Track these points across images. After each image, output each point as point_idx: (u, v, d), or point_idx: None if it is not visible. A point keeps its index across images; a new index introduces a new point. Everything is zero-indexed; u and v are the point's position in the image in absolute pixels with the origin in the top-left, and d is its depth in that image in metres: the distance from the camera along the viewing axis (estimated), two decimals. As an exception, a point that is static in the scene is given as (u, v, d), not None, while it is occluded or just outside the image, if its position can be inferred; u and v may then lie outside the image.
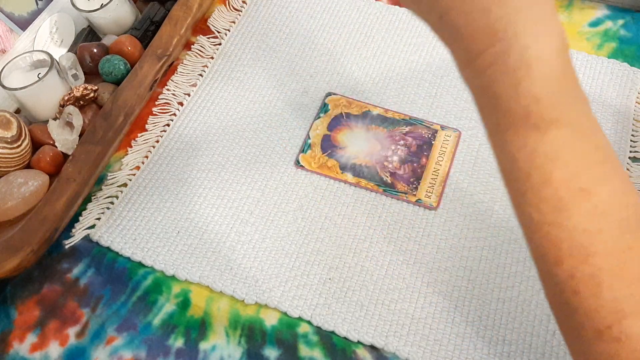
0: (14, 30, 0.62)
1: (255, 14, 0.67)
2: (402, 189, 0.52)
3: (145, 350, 0.46)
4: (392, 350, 0.45)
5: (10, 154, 0.52)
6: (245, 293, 0.48)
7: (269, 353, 0.46)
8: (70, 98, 0.55)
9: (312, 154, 0.55)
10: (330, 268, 0.49)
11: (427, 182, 0.52)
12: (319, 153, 0.55)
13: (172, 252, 0.50)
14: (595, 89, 0.59)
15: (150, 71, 0.58)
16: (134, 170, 0.56)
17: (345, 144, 0.55)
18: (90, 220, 0.52)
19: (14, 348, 0.47)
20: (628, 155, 0.54)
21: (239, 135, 0.57)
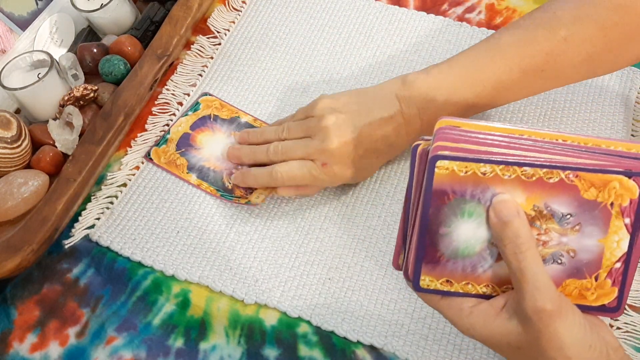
0: (14, 30, 0.62)
1: (255, 14, 0.67)
2: (239, 194, 0.52)
3: (145, 350, 0.46)
4: (391, 350, 0.45)
5: (10, 154, 0.52)
6: (244, 293, 0.48)
7: (269, 353, 0.46)
8: (70, 98, 0.55)
9: (165, 149, 0.55)
10: (330, 268, 0.49)
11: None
12: (173, 149, 0.55)
13: (171, 252, 0.50)
14: (595, 89, 0.58)
15: (150, 71, 0.58)
16: (133, 170, 0.56)
17: (202, 145, 0.56)
18: (90, 220, 0.52)
19: (14, 348, 0.47)
20: (628, 155, 0.54)
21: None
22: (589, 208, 0.35)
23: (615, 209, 0.35)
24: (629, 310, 0.46)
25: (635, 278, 0.47)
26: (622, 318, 0.46)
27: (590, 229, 0.35)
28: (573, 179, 0.34)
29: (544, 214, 0.35)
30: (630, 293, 0.46)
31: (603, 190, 0.34)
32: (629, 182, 0.34)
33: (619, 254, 0.36)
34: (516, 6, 0.66)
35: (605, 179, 0.34)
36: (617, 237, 0.35)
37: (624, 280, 0.36)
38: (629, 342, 0.45)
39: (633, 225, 0.35)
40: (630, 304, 0.46)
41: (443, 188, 0.35)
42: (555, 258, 0.36)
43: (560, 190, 0.35)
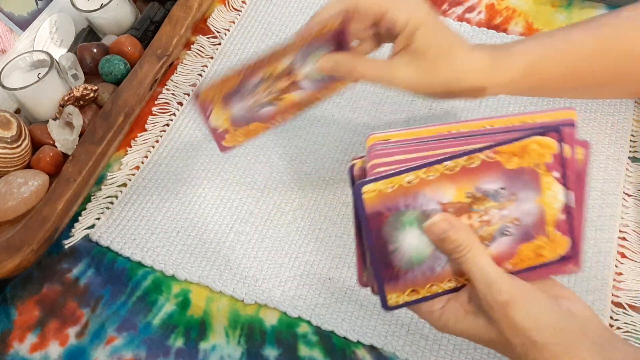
0: (14, 30, 0.62)
1: (255, 14, 0.67)
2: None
3: (145, 350, 0.46)
4: (391, 350, 0.45)
5: (10, 154, 0.52)
6: (244, 293, 0.48)
7: (269, 353, 0.46)
8: (70, 98, 0.55)
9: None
10: (330, 268, 0.49)
11: None
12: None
13: (171, 252, 0.50)
14: (595, 89, 0.59)
15: (150, 71, 0.58)
16: (133, 170, 0.56)
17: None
18: (90, 220, 0.52)
19: (14, 348, 0.47)
20: (628, 155, 0.54)
21: (238, 135, 0.57)
22: (516, 176, 0.36)
23: (541, 168, 0.36)
24: (628, 310, 0.46)
25: (635, 278, 0.48)
26: (622, 318, 0.46)
27: (525, 194, 0.37)
28: (493, 156, 0.36)
29: (479, 197, 0.37)
30: (630, 293, 0.47)
31: (524, 156, 0.36)
32: (545, 139, 0.35)
33: (559, 205, 0.37)
34: (516, 6, 0.66)
35: (523, 145, 0.35)
36: (551, 193, 0.37)
37: (572, 227, 0.37)
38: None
39: (563, 175, 0.36)
40: (630, 304, 0.46)
41: (377, 210, 0.36)
42: (502, 232, 0.38)
43: (485, 170, 0.36)
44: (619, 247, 0.49)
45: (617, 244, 0.49)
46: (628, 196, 0.52)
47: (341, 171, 0.54)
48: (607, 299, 0.46)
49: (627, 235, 0.50)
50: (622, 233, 0.50)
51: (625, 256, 0.49)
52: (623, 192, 0.52)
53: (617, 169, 0.53)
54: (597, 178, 0.53)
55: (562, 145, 0.35)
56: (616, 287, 0.47)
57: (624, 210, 0.51)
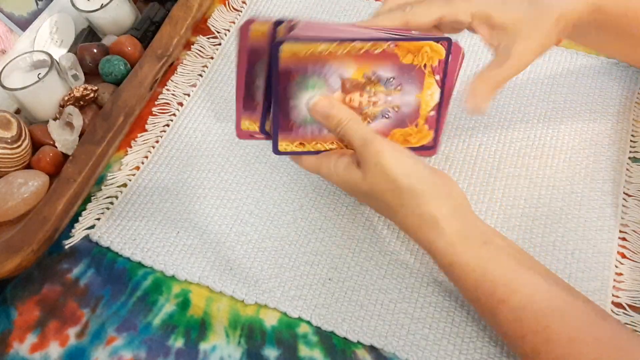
0: (14, 31, 0.62)
1: (255, 14, 0.67)
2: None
3: (145, 351, 0.46)
4: (391, 350, 0.45)
5: (10, 154, 0.52)
6: (245, 293, 0.48)
7: (269, 353, 0.46)
8: (70, 98, 0.55)
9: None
10: (330, 268, 0.49)
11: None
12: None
13: (171, 252, 0.50)
14: (595, 89, 0.59)
15: (150, 71, 0.58)
16: (133, 170, 0.56)
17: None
18: (90, 220, 0.52)
19: (14, 348, 0.47)
20: (628, 156, 0.54)
21: (238, 135, 0.57)
22: (407, 71, 0.43)
23: (427, 69, 0.43)
24: (628, 310, 0.46)
25: (635, 279, 0.48)
26: (622, 318, 0.46)
27: (409, 88, 0.44)
28: (393, 48, 0.42)
29: (372, 80, 0.43)
30: (630, 293, 0.47)
31: (417, 55, 0.43)
32: (437, 45, 0.42)
33: (433, 104, 0.45)
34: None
35: (419, 45, 0.42)
36: (430, 92, 0.44)
37: (437, 124, 0.46)
38: (629, 342, 0.45)
39: (442, 80, 0.44)
40: (630, 304, 0.46)
41: (288, 68, 0.42)
42: (383, 114, 0.45)
43: (384, 59, 0.43)
44: (619, 247, 0.49)
45: (617, 244, 0.49)
46: (628, 196, 0.52)
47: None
48: (607, 299, 0.47)
49: (627, 236, 0.50)
50: (622, 233, 0.50)
51: (625, 256, 0.49)
52: (623, 192, 0.52)
53: (617, 169, 0.53)
54: (597, 178, 0.53)
55: (448, 53, 0.42)
56: (616, 288, 0.47)
57: (624, 210, 0.51)
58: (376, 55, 0.42)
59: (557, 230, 0.50)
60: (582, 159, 0.54)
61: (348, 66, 0.42)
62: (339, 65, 0.42)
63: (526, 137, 0.55)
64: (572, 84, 0.59)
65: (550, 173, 0.53)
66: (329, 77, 0.43)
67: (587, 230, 0.50)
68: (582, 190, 0.52)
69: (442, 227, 0.41)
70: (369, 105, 0.44)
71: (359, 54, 0.42)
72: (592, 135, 0.55)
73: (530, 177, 0.53)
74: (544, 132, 0.56)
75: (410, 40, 0.42)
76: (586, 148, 0.54)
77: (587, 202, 0.51)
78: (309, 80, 0.43)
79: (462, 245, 0.41)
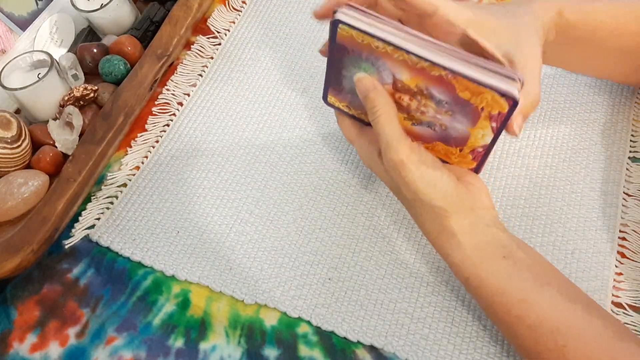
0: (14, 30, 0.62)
1: (255, 14, 0.67)
2: None
3: (145, 351, 0.46)
4: (391, 350, 0.45)
5: (10, 154, 0.52)
6: (245, 293, 0.48)
7: (269, 353, 0.46)
8: (70, 98, 0.55)
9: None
10: (330, 268, 0.49)
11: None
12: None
13: (171, 252, 0.50)
14: (595, 89, 0.58)
15: (150, 71, 0.58)
16: (133, 170, 0.56)
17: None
18: (90, 220, 0.52)
19: (14, 348, 0.47)
20: (628, 155, 0.54)
21: (238, 135, 0.57)
22: (462, 104, 0.40)
23: (484, 113, 0.39)
24: (628, 310, 0.46)
25: (635, 279, 0.48)
26: (622, 318, 0.46)
27: (461, 118, 0.41)
28: (451, 78, 0.38)
29: (425, 94, 0.41)
30: (630, 293, 0.47)
31: (477, 96, 0.39)
32: (500, 99, 0.38)
33: (482, 143, 0.41)
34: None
35: (480, 90, 0.38)
36: (482, 132, 0.41)
37: (482, 159, 0.43)
38: (629, 342, 0.45)
39: (498, 129, 0.40)
40: (630, 304, 0.46)
41: (344, 45, 0.41)
42: (430, 125, 0.42)
43: (439, 82, 0.39)
44: (618, 247, 0.49)
45: (617, 244, 0.49)
46: (628, 196, 0.52)
47: (341, 171, 0.54)
48: (607, 299, 0.46)
49: (627, 235, 0.50)
50: (622, 233, 0.50)
51: (625, 256, 0.49)
52: (623, 192, 0.52)
53: (617, 169, 0.53)
54: (597, 178, 0.53)
55: (511, 110, 0.38)
56: (616, 287, 0.47)
57: (624, 210, 0.51)
58: (432, 77, 0.39)
59: (557, 230, 0.50)
60: (582, 159, 0.54)
61: (402, 71, 0.40)
62: (392, 65, 0.40)
63: (526, 137, 0.55)
64: (572, 84, 0.59)
65: (550, 173, 0.53)
66: (382, 70, 0.41)
67: (587, 230, 0.50)
68: (582, 190, 0.52)
69: (459, 241, 0.41)
70: (417, 112, 0.42)
71: (415, 67, 0.39)
72: (592, 135, 0.55)
73: (530, 177, 0.53)
74: (544, 132, 0.56)
75: (471, 79, 0.38)
76: (586, 148, 0.54)
77: (587, 202, 0.51)
78: (362, 63, 0.41)
79: (480, 260, 0.41)
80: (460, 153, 0.43)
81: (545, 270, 0.41)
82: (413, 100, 0.41)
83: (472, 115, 0.40)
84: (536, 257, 0.42)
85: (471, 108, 0.39)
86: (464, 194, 0.41)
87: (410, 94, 0.41)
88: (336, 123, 0.57)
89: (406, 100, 0.42)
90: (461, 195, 0.41)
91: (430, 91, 0.40)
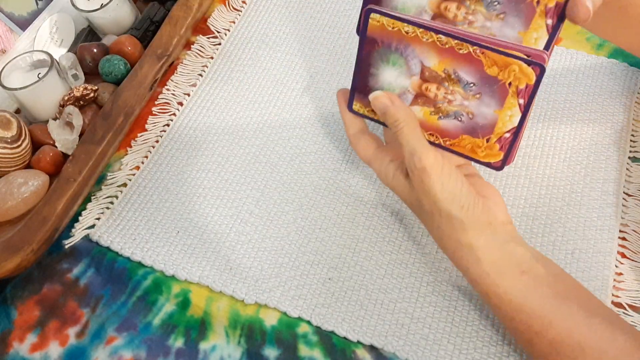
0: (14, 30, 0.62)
1: (255, 14, 0.67)
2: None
3: (145, 350, 0.46)
4: (391, 350, 0.45)
5: (10, 154, 0.52)
6: (245, 293, 0.48)
7: (269, 353, 0.46)
8: (70, 98, 0.55)
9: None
10: (330, 268, 0.49)
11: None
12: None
13: (171, 252, 0.50)
14: (595, 89, 0.59)
15: (150, 71, 0.58)
16: (133, 170, 0.56)
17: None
18: (90, 220, 0.52)
19: (14, 348, 0.47)
20: (628, 155, 0.54)
21: (238, 135, 0.57)
22: (489, 82, 0.40)
23: (512, 88, 0.40)
24: (628, 310, 0.46)
25: (635, 279, 0.48)
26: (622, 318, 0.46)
27: (489, 100, 0.41)
28: (479, 54, 0.39)
29: (452, 78, 0.41)
30: (630, 293, 0.47)
31: (504, 70, 0.39)
32: (527, 68, 0.38)
33: (510, 126, 0.41)
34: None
35: (507, 61, 0.39)
36: (510, 113, 0.41)
37: (510, 148, 0.43)
38: (629, 342, 0.45)
39: (525, 106, 0.40)
40: (630, 304, 0.46)
41: (374, 37, 0.42)
42: (457, 116, 0.43)
43: (467, 61, 0.40)
44: (619, 247, 0.49)
45: (617, 244, 0.49)
46: (628, 196, 0.52)
47: (341, 171, 0.54)
48: (607, 299, 0.47)
49: (627, 235, 0.50)
50: (622, 233, 0.50)
51: (625, 256, 0.49)
52: (623, 192, 0.52)
53: (617, 169, 0.53)
54: (597, 178, 0.53)
55: (539, 81, 0.38)
56: (616, 287, 0.47)
57: (624, 210, 0.51)
58: (460, 55, 0.40)
59: (557, 230, 0.50)
60: (582, 159, 0.54)
61: (430, 56, 0.41)
62: (421, 51, 0.41)
63: (526, 137, 0.55)
64: (572, 84, 0.59)
65: (550, 173, 0.53)
66: (411, 59, 0.42)
67: (587, 230, 0.50)
68: (582, 190, 0.52)
69: (478, 257, 0.41)
70: (444, 102, 0.43)
71: (443, 48, 0.40)
72: (592, 135, 0.55)
73: (530, 177, 0.53)
74: (544, 132, 0.56)
75: (500, 52, 0.39)
76: (586, 148, 0.54)
77: (587, 202, 0.51)
78: (391, 55, 0.42)
79: (498, 276, 0.40)
80: (487, 144, 0.43)
81: (565, 285, 0.41)
82: (440, 89, 0.42)
83: (500, 94, 0.40)
84: (556, 270, 0.41)
85: (498, 85, 0.40)
86: (481, 208, 0.41)
87: (437, 82, 0.42)
88: (335, 123, 0.57)
89: (433, 90, 0.43)
90: (479, 209, 0.41)
91: (458, 74, 0.41)
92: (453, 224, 0.41)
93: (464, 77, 0.41)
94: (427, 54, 0.41)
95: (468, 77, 0.41)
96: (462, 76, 0.41)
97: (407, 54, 0.42)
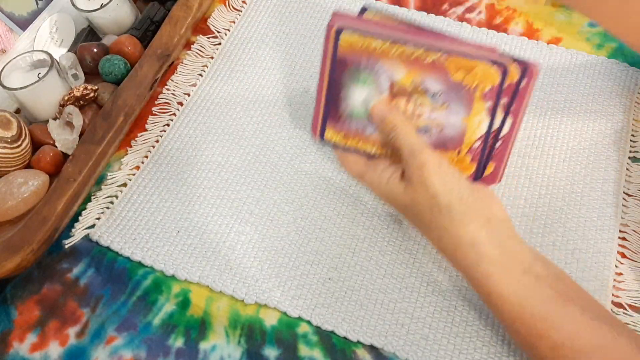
0: (14, 30, 0.62)
1: (255, 14, 0.67)
2: None
3: (145, 350, 0.46)
4: (391, 350, 0.45)
5: (10, 154, 0.52)
6: (245, 293, 0.48)
7: (269, 353, 0.46)
8: (70, 98, 0.55)
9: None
10: (330, 268, 0.49)
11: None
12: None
13: (171, 252, 0.50)
14: (595, 89, 0.59)
15: (150, 71, 0.58)
16: (133, 170, 0.56)
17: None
18: (90, 220, 0.52)
19: (14, 348, 0.47)
20: (628, 155, 0.54)
21: (238, 135, 0.57)
22: (456, 88, 0.40)
23: (477, 92, 0.40)
24: (628, 310, 0.46)
25: (635, 279, 0.48)
26: (622, 318, 0.46)
27: (457, 108, 0.41)
28: (444, 61, 0.40)
29: (419, 90, 0.42)
30: (630, 293, 0.47)
31: (469, 74, 0.39)
32: (490, 69, 0.38)
33: (479, 134, 0.41)
34: (516, 6, 0.66)
35: (471, 65, 0.39)
36: (478, 119, 0.41)
37: (481, 159, 0.43)
38: (629, 342, 0.45)
39: (492, 108, 0.40)
40: (630, 304, 0.46)
41: (344, 58, 0.42)
42: (426, 130, 0.43)
43: (433, 70, 0.40)
44: (619, 247, 0.49)
45: (617, 244, 0.49)
46: (628, 196, 0.52)
47: (341, 171, 0.54)
48: (607, 299, 0.47)
49: (627, 235, 0.50)
50: (622, 233, 0.50)
51: (625, 256, 0.49)
52: (623, 192, 0.52)
53: (617, 169, 0.53)
54: (597, 178, 0.53)
55: (504, 79, 0.38)
56: (616, 287, 0.47)
57: (624, 210, 0.51)
58: (426, 65, 0.40)
59: (557, 230, 0.50)
60: (582, 159, 0.54)
61: (398, 69, 0.41)
62: (389, 66, 0.41)
63: (526, 137, 0.55)
64: (572, 84, 0.59)
65: (550, 173, 0.53)
66: (380, 75, 0.42)
67: (587, 230, 0.50)
68: (582, 190, 0.52)
69: (479, 253, 0.40)
70: (413, 117, 0.43)
71: (410, 59, 0.40)
72: (592, 135, 0.55)
73: (530, 177, 0.53)
74: (544, 132, 0.56)
75: (464, 55, 0.39)
76: (586, 148, 0.54)
77: (587, 202, 0.51)
78: (360, 74, 0.42)
79: (500, 275, 0.40)
80: (458, 156, 0.43)
81: (567, 286, 0.40)
82: (409, 103, 0.42)
83: (467, 100, 0.40)
84: (556, 271, 0.41)
85: (465, 91, 0.40)
86: (480, 201, 0.42)
87: (406, 96, 0.42)
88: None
89: (402, 105, 0.43)
90: (477, 203, 0.41)
91: (425, 84, 0.41)
92: (453, 217, 0.41)
93: (431, 86, 0.41)
94: (396, 67, 0.41)
95: (435, 86, 0.41)
96: (429, 86, 0.41)
97: (376, 70, 0.42)
